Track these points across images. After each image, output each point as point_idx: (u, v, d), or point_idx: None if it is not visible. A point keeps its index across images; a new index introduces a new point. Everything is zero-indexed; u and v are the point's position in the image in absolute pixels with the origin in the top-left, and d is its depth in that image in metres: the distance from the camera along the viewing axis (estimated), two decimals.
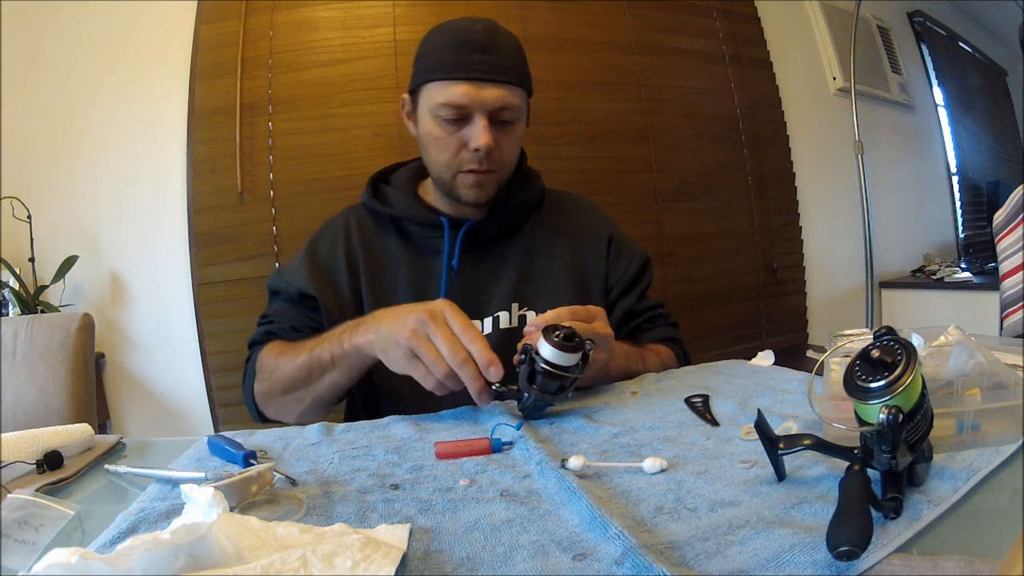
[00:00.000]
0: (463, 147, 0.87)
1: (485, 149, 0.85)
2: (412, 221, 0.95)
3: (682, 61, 2.36)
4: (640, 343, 0.98)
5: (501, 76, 0.85)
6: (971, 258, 2.99)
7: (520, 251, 0.97)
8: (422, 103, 0.89)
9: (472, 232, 0.93)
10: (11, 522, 0.46)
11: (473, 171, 0.88)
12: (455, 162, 0.89)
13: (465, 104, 0.84)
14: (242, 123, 1.93)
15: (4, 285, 1.82)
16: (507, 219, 0.97)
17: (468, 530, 0.43)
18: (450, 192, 0.93)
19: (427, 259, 0.95)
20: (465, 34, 0.85)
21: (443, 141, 0.88)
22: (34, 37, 1.95)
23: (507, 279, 0.94)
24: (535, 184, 1.02)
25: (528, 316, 0.92)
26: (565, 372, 0.67)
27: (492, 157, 0.87)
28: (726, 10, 2.46)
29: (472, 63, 0.84)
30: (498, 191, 0.93)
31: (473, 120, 0.85)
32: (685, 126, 2.34)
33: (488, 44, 0.85)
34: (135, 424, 1.96)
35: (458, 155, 0.88)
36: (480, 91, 0.84)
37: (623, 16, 2.27)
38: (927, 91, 3.18)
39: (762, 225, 2.46)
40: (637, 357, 0.91)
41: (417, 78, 0.90)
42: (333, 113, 1.97)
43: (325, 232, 1.00)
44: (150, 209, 1.96)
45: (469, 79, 0.84)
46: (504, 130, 0.88)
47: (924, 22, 3.20)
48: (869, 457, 0.43)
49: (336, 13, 2.02)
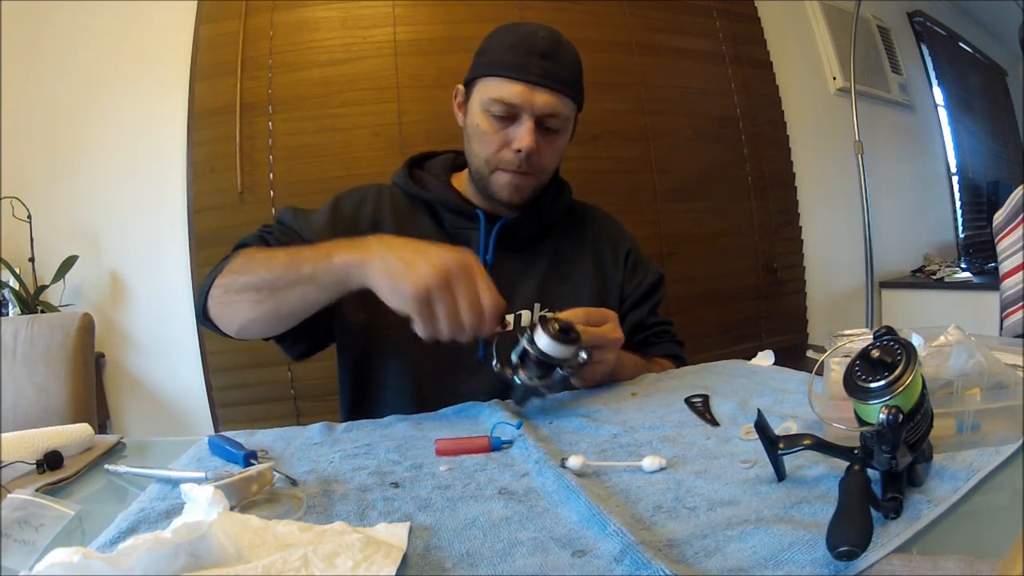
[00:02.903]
0: (506, 145, 0.88)
1: (527, 151, 0.86)
2: (447, 207, 0.95)
3: (682, 61, 2.36)
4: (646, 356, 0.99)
5: (555, 84, 0.87)
6: (971, 258, 2.99)
7: (548, 255, 0.98)
8: (475, 95, 0.91)
9: (506, 229, 0.94)
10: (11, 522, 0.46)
11: (512, 171, 0.89)
12: (496, 158, 0.90)
13: (516, 103, 0.86)
14: (242, 123, 1.93)
15: (4, 285, 1.82)
16: (539, 223, 0.98)
17: (467, 527, 0.44)
18: (485, 188, 0.93)
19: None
20: (530, 39, 0.87)
21: (488, 136, 0.89)
22: (34, 37, 1.95)
23: (533, 280, 0.95)
24: (566, 193, 1.03)
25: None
26: (555, 362, 0.67)
27: (532, 161, 0.88)
28: (726, 10, 2.46)
29: (531, 66, 0.85)
30: (532, 195, 0.94)
31: (520, 120, 0.87)
32: (685, 126, 2.34)
33: (549, 52, 0.87)
34: (135, 424, 1.96)
35: (500, 152, 0.89)
36: (532, 94, 0.86)
37: (623, 16, 2.27)
38: (927, 91, 3.18)
39: (762, 225, 2.46)
40: (644, 368, 0.93)
41: (475, 71, 0.91)
42: (333, 113, 1.97)
43: (354, 193, 0.99)
44: (150, 209, 1.96)
45: (525, 81, 0.85)
46: (548, 137, 0.90)
47: (924, 22, 3.20)
48: (869, 457, 0.43)
49: (336, 13, 2.02)
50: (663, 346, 1.03)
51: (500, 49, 0.88)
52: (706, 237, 2.34)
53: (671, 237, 2.26)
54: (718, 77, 2.42)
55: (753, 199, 2.45)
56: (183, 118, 1.95)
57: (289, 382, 1.92)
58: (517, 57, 0.86)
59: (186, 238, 1.94)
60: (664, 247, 2.24)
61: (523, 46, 0.87)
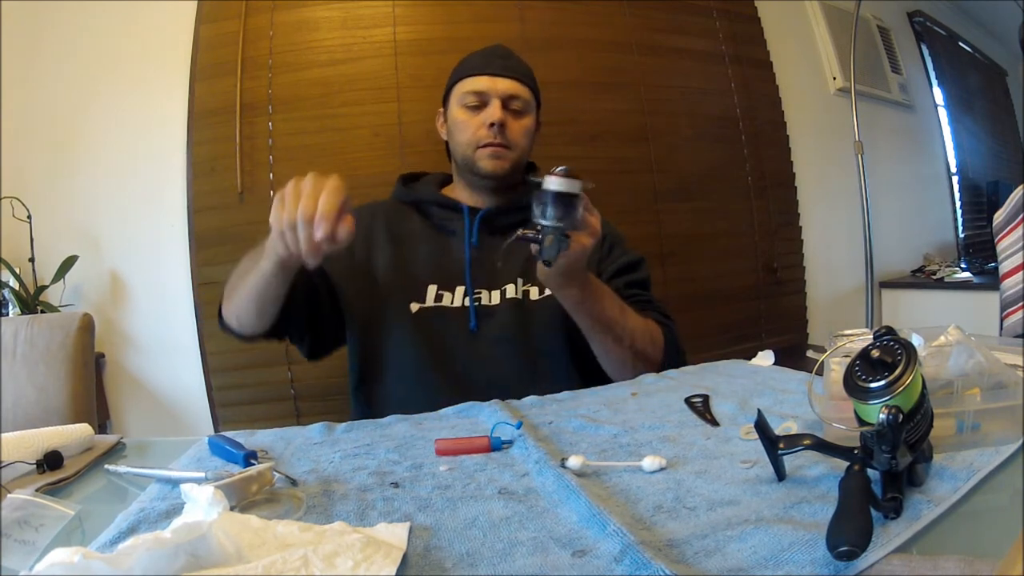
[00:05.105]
0: (481, 126, 1.06)
1: (498, 122, 1.05)
2: (434, 204, 1.12)
3: (682, 61, 2.36)
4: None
5: (513, 74, 1.09)
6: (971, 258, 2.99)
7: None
8: (452, 101, 1.12)
9: (487, 218, 1.09)
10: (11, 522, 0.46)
11: (490, 144, 1.06)
12: (475, 138, 1.07)
13: (484, 90, 1.07)
14: (242, 123, 1.92)
15: (4, 285, 1.82)
16: (517, 212, 1.07)
17: (467, 527, 0.44)
18: (472, 168, 1.09)
19: (445, 237, 1.10)
20: (489, 49, 1.13)
21: (466, 123, 1.08)
22: (34, 37, 1.94)
23: (515, 259, 1.06)
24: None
25: (531, 291, 1.05)
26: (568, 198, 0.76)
27: (505, 134, 1.06)
28: (726, 10, 2.46)
29: (492, 64, 1.09)
30: (512, 169, 1.09)
31: (490, 104, 1.07)
32: (685, 126, 2.33)
33: (506, 54, 1.12)
34: (135, 424, 1.96)
35: (477, 132, 1.07)
36: (495, 82, 1.07)
37: (623, 16, 2.26)
38: (927, 91, 3.18)
39: (762, 225, 2.45)
40: (617, 301, 0.96)
41: (449, 85, 1.13)
42: (333, 113, 1.97)
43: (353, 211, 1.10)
44: (150, 209, 1.96)
45: (489, 73, 1.08)
46: (515, 116, 1.08)
47: (924, 22, 3.19)
48: (869, 457, 0.43)
49: (336, 13, 2.01)
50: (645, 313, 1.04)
51: (467, 61, 1.13)
52: (706, 237, 2.34)
53: (671, 237, 2.26)
54: (718, 77, 2.42)
55: (753, 199, 2.44)
56: (183, 118, 1.95)
57: (289, 382, 1.92)
58: (480, 60, 1.11)
59: (186, 238, 1.94)
60: (664, 247, 2.24)
61: (484, 53, 1.12)
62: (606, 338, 0.94)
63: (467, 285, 1.03)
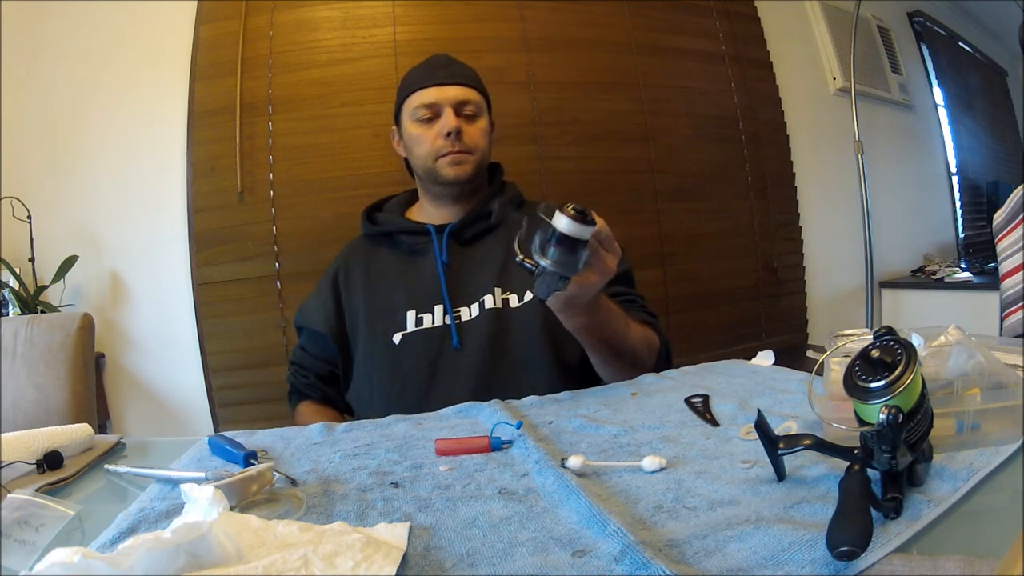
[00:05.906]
0: (438, 136, 1.06)
1: (453, 130, 1.04)
2: (402, 231, 1.11)
3: (682, 61, 2.36)
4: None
5: (459, 79, 1.09)
6: (971, 258, 2.99)
7: (499, 246, 1.08)
8: (404, 117, 1.10)
9: (455, 232, 1.09)
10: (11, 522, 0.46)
11: (449, 153, 1.06)
12: (433, 149, 1.07)
13: (434, 101, 1.06)
14: (242, 123, 1.92)
15: (4, 285, 1.82)
16: (482, 221, 1.10)
17: (467, 527, 0.44)
18: (435, 179, 1.08)
19: (417, 260, 1.09)
20: (429, 60, 1.12)
21: (422, 136, 1.07)
22: (34, 37, 1.94)
23: (489, 269, 1.06)
24: (510, 189, 1.17)
25: (510, 299, 1.04)
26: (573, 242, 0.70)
27: (462, 139, 1.06)
28: (726, 10, 2.46)
29: (436, 74, 1.08)
30: (475, 173, 1.09)
31: (443, 114, 1.06)
32: (685, 126, 2.33)
33: (447, 63, 1.11)
34: (135, 424, 1.96)
35: (434, 143, 1.06)
36: (443, 91, 1.07)
37: (623, 16, 2.26)
38: (927, 91, 3.18)
39: (762, 225, 2.46)
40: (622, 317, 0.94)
41: (398, 101, 1.12)
42: (333, 113, 1.97)
43: (331, 265, 1.16)
44: (150, 209, 1.96)
45: (435, 84, 1.07)
46: (469, 121, 1.08)
47: (924, 22, 3.19)
48: (869, 457, 0.43)
49: (336, 13, 2.01)
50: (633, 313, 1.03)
51: (410, 77, 1.11)
52: (706, 237, 2.34)
53: (671, 237, 2.26)
54: (718, 77, 2.42)
55: (753, 199, 2.44)
56: (183, 118, 1.95)
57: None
58: (424, 72, 1.10)
59: (186, 238, 1.94)
60: (664, 247, 2.24)
61: (425, 66, 1.11)
62: (608, 353, 0.93)
63: (445, 303, 1.03)
